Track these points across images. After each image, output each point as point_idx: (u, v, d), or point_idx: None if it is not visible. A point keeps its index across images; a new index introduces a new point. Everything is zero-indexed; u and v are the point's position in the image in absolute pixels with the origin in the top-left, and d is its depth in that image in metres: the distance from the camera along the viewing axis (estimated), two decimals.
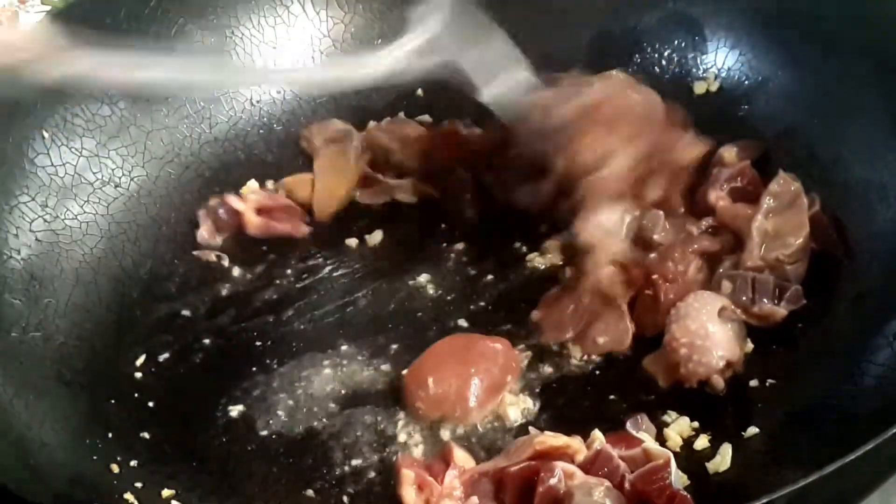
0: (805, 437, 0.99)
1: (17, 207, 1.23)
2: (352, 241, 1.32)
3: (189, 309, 1.25)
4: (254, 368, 1.17)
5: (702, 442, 1.02)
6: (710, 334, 1.06)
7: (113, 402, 1.14)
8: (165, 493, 1.04)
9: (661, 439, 1.03)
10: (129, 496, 1.02)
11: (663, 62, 1.40)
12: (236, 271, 1.30)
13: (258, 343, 1.20)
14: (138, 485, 1.04)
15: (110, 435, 1.09)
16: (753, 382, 1.07)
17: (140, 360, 1.19)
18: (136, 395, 1.15)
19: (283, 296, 1.26)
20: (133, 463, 1.07)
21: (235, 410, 1.13)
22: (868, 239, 1.11)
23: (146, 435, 1.10)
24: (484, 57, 1.21)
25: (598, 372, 1.12)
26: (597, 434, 0.99)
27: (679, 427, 1.03)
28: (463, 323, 1.20)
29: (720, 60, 1.37)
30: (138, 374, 1.18)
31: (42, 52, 0.96)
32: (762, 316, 1.10)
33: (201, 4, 1.40)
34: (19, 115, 1.26)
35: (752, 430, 1.02)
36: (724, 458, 0.99)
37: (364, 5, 1.47)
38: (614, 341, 1.13)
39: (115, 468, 1.05)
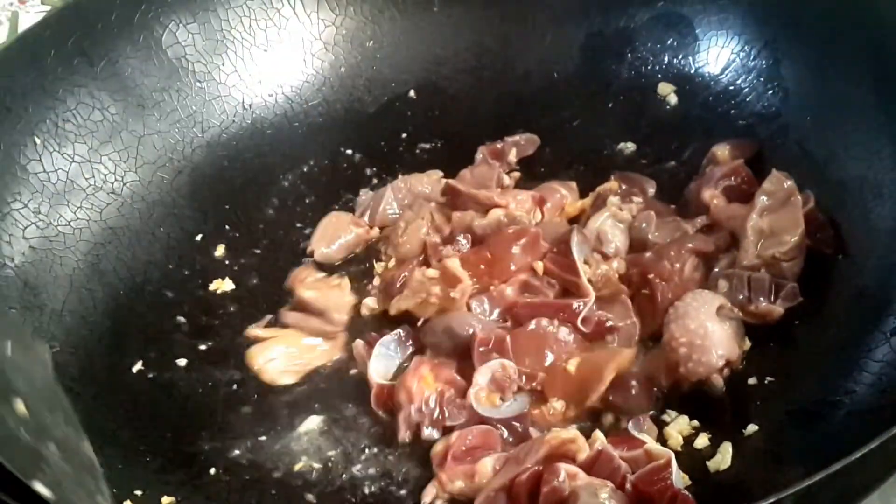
0: (804, 434, 1.00)
1: (10, 214, 1.22)
2: None
3: (184, 315, 1.24)
4: (250, 373, 1.17)
5: (702, 441, 1.02)
6: (709, 333, 1.06)
7: (110, 409, 1.13)
8: (165, 500, 1.04)
9: (662, 438, 1.03)
10: None
11: (656, 61, 1.40)
12: (232, 275, 1.29)
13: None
14: (138, 492, 1.04)
15: (108, 442, 1.08)
16: (752, 380, 1.07)
17: (136, 367, 1.18)
18: (132, 402, 1.15)
19: (280, 298, 1.25)
20: (132, 470, 1.06)
21: (234, 415, 1.13)
22: (864, 236, 1.12)
23: (144, 442, 1.10)
24: None
25: None
26: (598, 435, 0.99)
27: (679, 426, 1.04)
28: None
29: (712, 58, 1.37)
30: (135, 381, 1.17)
31: None
32: (759, 314, 1.10)
33: (192, 8, 1.40)
34: (11, 122, 1.25)
35: (752, 428, 1.02)
36: (724, 457, 1.00)
37: (355, 7, 1.47)
38: (623, 340, 1.13)
39: (114, 476, 1.04)
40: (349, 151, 1.42)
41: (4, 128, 1.24)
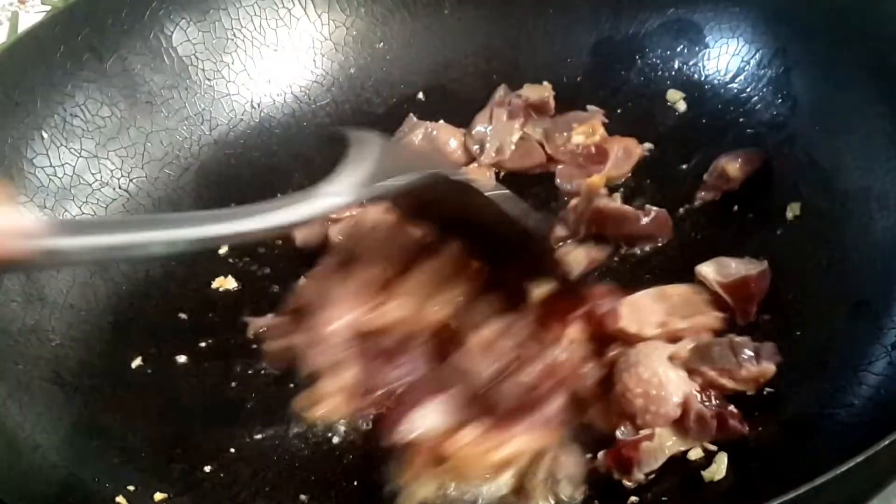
0: (801, 446, 0.98)
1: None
2: None
3: (185, 312, 1.24)
4: (249, 371, 1.17)
5: (696, 451, 1.01)
6: (663, 382, 1.01)
7: (107, 404, 1.14)
8: (158, 496, 1.04)
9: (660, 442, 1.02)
10: (121, 499, 1.02)
11: (665, 68, 1.40)
12: (235, 273, 1.29)
13: (254, 346, 1.20)
14: (130, 488, 1.04)
15: (103, 437, 1.09)
16: (749, 391, 1.06)
17: (135, 363, 1.19)
18: (130, 397, 1.15)
19: (281, 297, 1.25)
20: (126, 466, 1.07)
21: (231, 414, 1.13)
22: (867, 247, 1.10)
23: (139, 437, 1.10)
24: None
25: None
26: None
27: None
28: None
29: (722, 66, 1.36)
30: (133, 377, 1.17)
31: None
32: (752, 378, 1.03)
33: (203, 6, 1.41)
34: (19, 116, 1.26)
35: (748, 440, 1.01)
36: (719, 467, 0.99)
37: (366, 8, 1.47)
38: None
39: (107, 470, 1.05)
40: None
41: (12, 122, 1.26)
